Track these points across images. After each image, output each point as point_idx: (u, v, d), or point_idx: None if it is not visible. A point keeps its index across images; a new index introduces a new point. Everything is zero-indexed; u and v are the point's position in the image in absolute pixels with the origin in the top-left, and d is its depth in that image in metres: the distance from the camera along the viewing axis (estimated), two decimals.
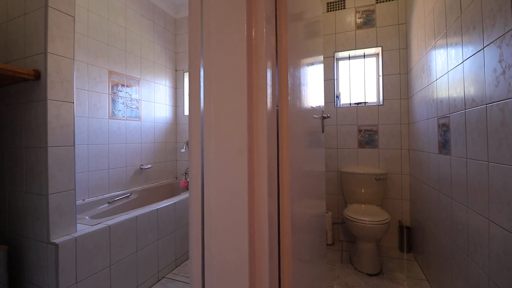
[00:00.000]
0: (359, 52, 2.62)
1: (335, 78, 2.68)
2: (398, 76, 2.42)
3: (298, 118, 0.89)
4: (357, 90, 2.70)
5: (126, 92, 2.50)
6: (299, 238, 0.87)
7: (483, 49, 1.06)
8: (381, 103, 2.48)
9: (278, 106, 0.74)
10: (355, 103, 2.61)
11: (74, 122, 1.37)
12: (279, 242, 0.72)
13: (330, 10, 2.65)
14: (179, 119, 3.20)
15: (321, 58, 1.61)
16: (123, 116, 2.46)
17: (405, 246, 2.26)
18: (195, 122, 0.63)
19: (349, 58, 2.72)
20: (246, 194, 0.61)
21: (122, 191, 2.39)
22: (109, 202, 2.19)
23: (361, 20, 2.55)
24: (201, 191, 0.64)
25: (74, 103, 1.37)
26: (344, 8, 2.61)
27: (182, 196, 2.24)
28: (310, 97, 1.14)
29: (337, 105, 2.65)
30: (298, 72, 0.93)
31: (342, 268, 2.01)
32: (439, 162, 1.57)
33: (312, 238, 1.12)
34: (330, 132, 2.61)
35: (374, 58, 2.65)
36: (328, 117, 1.46)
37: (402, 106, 2.39)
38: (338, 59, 2.75)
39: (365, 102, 2.61)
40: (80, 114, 2.05)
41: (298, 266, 0.84)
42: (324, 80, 2.56)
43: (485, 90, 1.05)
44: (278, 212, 0.73)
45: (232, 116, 0.61)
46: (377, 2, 2.49)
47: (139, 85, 2.66)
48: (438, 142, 1.59)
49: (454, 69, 1.36)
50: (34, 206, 1.31)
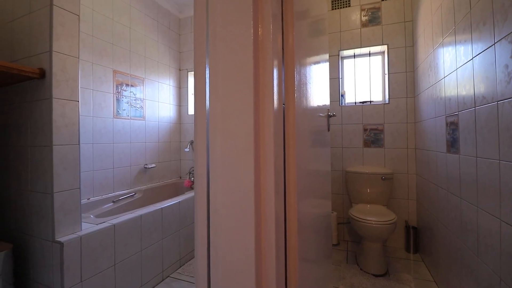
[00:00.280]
0: (365, 50, 2.59)
1: (340, 76, 2.66)
2: (404, 74, 2.39)
3: (304, 117, 0.88)
4: (362, 88, 2.67)
5: (131, 91, 2.50)
6: (305, 238, 0.86)
7: (494, 45, 1.03)
8: (387, 102, 2.45)
9: (284, 104, 0.72)
10: (360, 102, 2.59)
11: (79, 121, 1.38)
12: (285, 242, 0.71)
13: (335, 8, 2.63)
14: (183, 119, 3.20)
15: (326, 56, 1.59)
16: (128, 115, 2.46)
17: (411, 246, 2.23)
18: (201, 120, 0.62)
19: (354, 56, 2.69)
20: (252, 192, 0.60)
21: (126, 190, 2.40)
22: (113, 201, 2.20)
23: (366, 18, 2.52)
24: (206, 190, 0.63)
25: (79, 102, 1.37)
26: (349, 6, 2.58)
27: (186, 195, 2.24)
28: (316, 95, 1.13)
29: (342, 104, 2.62)
30: (304, 70, 0.92)
31: (347, 268, 1.98)
32: (447, 161, 1.54)
33: (318, 238, 1.11)
34: (335, 131, 2.59)
35: (380, 56, 2.62)
36: (333, 115, 1.44)
37: (409, 105, 2.36)
38: (343, 58, 2.72)
39: (370, 101, 2.58)
40: (85, 114, 2.06)
41: (304, 266, 0.82)
42: (329, 78, 2.53)
43: (496, 87, 1.03)
44: (285, 211, 0.71)
45: (238, 114, 0.60)
46: (382, 0, 2.46)
47: (144, 84, 2.67)
48: (446, 140, 1.57)
49: (463, 66, 1.33)
50: (39, 204, 1.31)
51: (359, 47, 2.55)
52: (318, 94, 1.17)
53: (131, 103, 2.51)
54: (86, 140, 2.06)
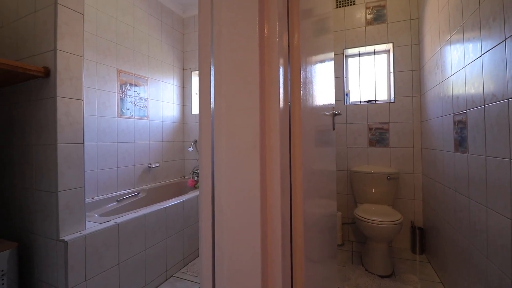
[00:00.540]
0: (369, 48, 2.56)
1: (345, 75, 2.64)
2: (410, 72, 2.35)
3: (310, 116, 0.87)
4: (367, 87, 2.65)
5: (135, 91, 2.51)
6: (311, 238, 0.85)
7: (505, 40, 1.01)
8: (392, 101, 2.42)
9: (290, 103, 0.71)
10: (365, 101, 2.56)
11: (83, 120, 1.37)
12: (291, 242, 0.70)
13: (339, 6, 2.61)
14: (187, 118, 3.20)
15: (331, 55, 1.58)
16: (132, 114, 2.47)
17: (417, 247, 2.20)
18: (205, 119, 0.62)
19: (359, 55, 2.66)
20: (258, 192, 0.59)
21: (130, 190, 2.40)
22: (117, 201, 2.20)
23: (371, 16, 2.49)
24: (211, 189, 0.62)
25: (83, 101, 1.37)
26: (353, 4, 2.56)
27: (190, 194, 2.23)
28: (322, 94, 1.12)
29: (346, 103, 2.60)
30: (310, 69, 0.90)
31: (352, 269, 1.96)
32: (455, 161, 1.52)
33: (323, 238, 1.09)
34: (340, 130, 2.57)
35: (385, 55, 2.59)
36: (339, 114, 1.42)
37: (415, 104, 2.33)
38: (348, 56, 2.70)
39: (375, 100, 2.55)
40: (89, 113, 2.06)
41: (310, 266, 0.81)
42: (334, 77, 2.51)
43: (506, 84, 1.00)
44: (290, 210, 0.70)
45: (244, 112, 0.59)
46: None
47: (147, 84, 2.67)
48: (454, 139, 1.54)
49: (471, 63, 1.31)
50: (44, 203, 1.31)
51: (364, 46, 2.52)
52: (323, 93, 1.16)
53: (135, 103, 2.51)
54: (90, 139, 2.07)
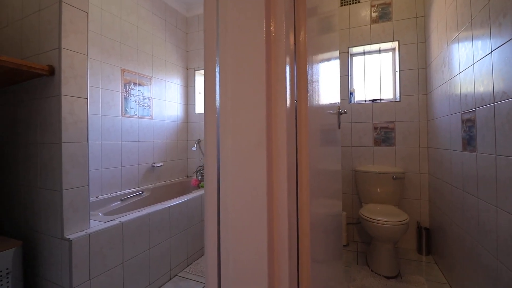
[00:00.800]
0: (375, 47, 2.53)
1: (349, 74, 2.61)
2: (416, 71, 2.32)
3: (316, 114, 0.86)
4: (372, 86, 2.62)
5: (139, 90, 2.51)
6: (318, 238, 0.83)
7: None
8: (397, 100, 2.40)
9: (296, 101, 0.70)
10: (370, 100, 2.53)
11: (88, 118, 1.37)
12: (297, 242, 0.69)
13: (344, 4, 2.58)
14: (190, 118, 3.20)
15: (337, 53, 1.56)
16: (135, 114, 2.47)
17: (423, 248, 2.17)
18: (211, 116, 0.61)
19: (363, 53, 2.64)
20: (265, 190, 0.58)
21: (134, 189, 2.40)
22: (121, 200, 2.20)
23: (376, 14, 2.47)
24: (216, 188, 0.61)
25: (87, 99, 1.37)
26: (358, 2, 2.53)
27: (194, 194, 2.23)
28: (328, 93, 1.10)
29: (351, 102, 2.57)
30: (316, 67, 0.89)
31: (358, 270, 1.94)
32: (463, 160, 1.49)
33: (329, 238, 1.08)
34: (345, 129, 2.54)
35: (390, 53, 2.57)
36: (344, 112, 1.40)
37: (421, 102, 2.30)
38: (352, 55, 2.67)
39: (380, 99, 2.52)
40: (93, 112, 2.07)
41: (316, 267, 0.80)
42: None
43: None
44: (297, 210, 0.69)
45: (250, 109, 0.58)
46: None
47: (151, 83, 2.67)
48: (462, 138, 1.51)
49: (480, 60, 1.28)
50: (48, 202, 1.31)
51: (369, 44, 2.49)
52: (329, 91, 1.14)
53: (139, 102, 2.51)
54: (94, 138, 2.07)
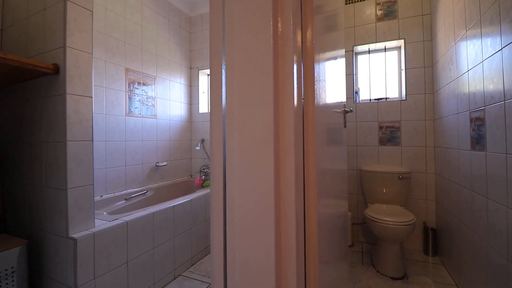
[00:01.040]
0: (380, 45, 2.51)
1: (354, 73, 2.59)
2: (422, 69, 2.29)
3: (323, 113, 0.84)
4: (377, 85, 2.59)
5: (143, 89, 2.51)
6: (325, 238, 0.82)
7: None
8: (403, 98, 2.37)
9: (303, 99, 0.69)
10: (375, 99, 2.51)
11: (92, 117, 1.37)
12: (305, 242, 0.68)
13: (349, 2, 2.56)
14: (194, 117, 3.20)
15: (342, 52, 1.54)
16: (139, 113, 2.47)
17: (430, 249, 2.14)
18: (217, 113, 0.60)
19: (368, 52, 2.61)
20: (272, 188, 0.57)
21: (138, 188, 2.40)
22: (126, 199, 2.20)
23: (381, 12, 2.44)
24: (222, 187, 0.60)
25: (92, 98, 1.37)
26: (363, 0, 2.51)
27: (198, 193, 2.22)
28: (334, 91, 1.09)
29: (356, 101, 2.55)
30: (323, 66, 0.88)
31: (363, 270, 1.92)
32: (472, 159, 1.46)
33: (336, 238, 1.06)
34: (349, 129, 2.52)
35: (396, 52, 2.54)
36: (350, 110, 1.38)
37: (427, 101, 2.27)
38: (357, 53, 2.65)
39: (386, 98, 2.49)
40: (98, 111, 2.07)
41: (323, 268, 0.78)
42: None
43: None
44: (304, 209, 0.68)
45: (257, 106, 0.57)
46: None
47: (155, 82, 2.67)
48: (470, 137, 1.48)
49: (490, 58, 1.25)
50: (53, 200, 1.32)
51: (374, 42, 2.46)
52: (335, 90, 1.13)
53: (143, 101, 2.51)
54: (99, 137, 2.07)
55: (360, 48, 2.58)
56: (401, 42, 2.42)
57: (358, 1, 2.53)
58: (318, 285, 0.68)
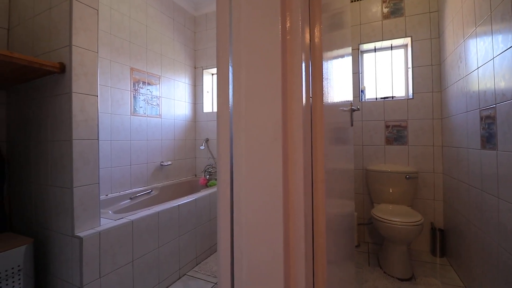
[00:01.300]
0: (386, 43, 2.47)
1: (360, 71, 2.56)
2: (430, 67, 2.26)
3: (330, 112, 0.83)
4: (383, 84, 2.56)
5: (147, 89, 2.51)
6: (332, 239, 0.80)
7: None
8: (410, 97, 2.33)
9: (312, 97, 0.68)
10: (382, 98, 2.47)
11: (98, 116, 1.37)
12: (313, 242, 0.66)
13: (355, 0, 2.53)
14: (198, 116, 3.19)
15: (349, 50, 1.52)
16: (144, 113, 2.47)
17: (438, 249, 2.11)
18: (224, 110, 0.59)
19: (374, 50, 2.58)
20: (280, 187, 0.55)
21: (143, 187, 2.41)
22: (131, 198, 2.20)
23: (388, 9, 2.41)
24: (230, 185, 0.59)
25: (98, 97, 1.37)
26: None
27: (202, 193, 2.21)
28: (341, 90, 1.08)
29: (362, 99, 2.52)
30: (331, 63, 0.87)
31: (370, 271, 1.89)
32: (482, 158, 1.43)
33: (343, 239, 1.05)
34: (355, 128, 2.49)
35: (402, 50, 2.50)
36: (357, 109, 1.36)
37: (435, 100, 2.23)
38: (363, 52, 2.62)
39: (392, 96, 2.46)
40: (103, 110, 2.08)
41: (331, 268, 0.77)
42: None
43: None
44: (312, 208, 0.66)
45: (265, 104, 0.56)
46: None
47: (160, 82, 2.67)
48: (480, 136, 1.45)
49: (501, 54, 1.22)
50: (59, 199, 1.32)
51: (381, 40, 2.43)
52: (343, 88, 1.12)
53: (148, 101, 2.52)
54: (104, 137, 2.08)
55: (366, 46, 2.55)
56: (408, 40, 2.39)
57: None
58: (326, 286, 0.67)
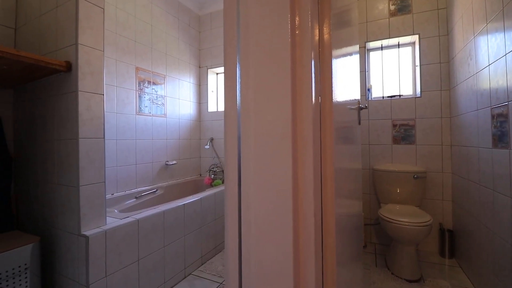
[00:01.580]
0: (393, 41, 2.44)
1: (366, 70, 2.53)
2: (438, 65, 2.22)
3: (339, 109, 0.82)
4: (390, 82, 2.52)
5: (152, 88, 2.51)
6: (342, 239, 0.79)
7: None
8: (418, 95, 2.29)
9: (320, 96, 0.67)
10: (389, 96, 2.44)
11: (104, 115, 1.37)
12: (322, 242, 0.65)
13: None
14: (203, 116, 3.19)
15: (357, 48, 1.50)
16: (150, 112, 2.47)
17: (446, 251, 2.07)
18: (231, 108, 0.58)
19: (381, 48, 2.54)
20: (290, 185, 0.54)
21: (148, 187, 2.41)
22: (136, 197, 2.21)
23: (395, 6, 2.37)
24: (237, 184, 0.58)
25: (104, 95, 1.37)
26: None
27: (207, 192, 2.21)
28: (350, 88, 1.06)
29: (368, 98, 2.49)
30: (339, 61, 0.86)
31: (377, 272, 1.86)
32: (493, 157, 1.40)
33: (351, 239, 1.03)
34: (362, 127, 2.46)
35: (410, 48, 2.46)
36: (365, 107, 1.34)
37: (443, 98, 2.19)
38: (369, 50, 2.59)
39: (400, 95, 2.43)
40: (108, 110, 2.08)
41: (340, 269, 0.75)
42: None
43: None
44: (321, 208, 0.65)
45: (274, 99, 0.55)
46: None
47: (165, 81, 2.67)
48: (492, 135, 1.42)
49: None
50: (65, 198, 1.32)
51: (387, 38, 2.40)
52: (351, 86, 1.10)
53: (153, 100, 2.52)
54: (110, 136, 2.08)
55: (372, 44, 2.51)
56: (415, 38, 2.35)
57: None
58: (335, 286, 0.65)
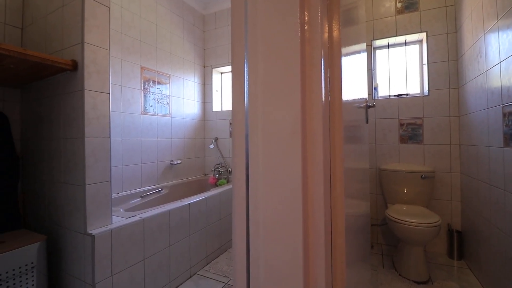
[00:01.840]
0: (400, 39, 2.40)
1: (373, 68, 2.50)
2: (446, 63, 2.18)
3: (347, 107, 0.80)
4: (397, 81, 2.49)
5: (157, 87, 2.52)
6: (350, 239, 0.77)
7: None
8: (426, 94, 2.26)
9: (330, 94, 0.66)
10: (395, 95, 2.41)
11: (110, 113, 1.37)
12: (331, 242, 0.63)
13: None
14: (207, 116, 3.19)
15: (364, 45, 1.48)
16: (154, 111, 2.48)
17: (455, 252, 2.03)
18: (239, 105, 0.57)
19: (388, 46, 2.51)
20: (299, 184, 0.53)
21: (153, 186, 2.41)
22: (141, 197, 2.21)
23: (402, 4, 2.34)
24: (245, 183, 0.57)
25: (109, 94, 1.37)
26: None
27: (212, 191, 2.20)
28: (358, 87, 1.05)
29: (375, 97, 2.46)
30: (348, 59, 0.84)
31: (384, 273, 1.84)
32: (505, 157, 1.36)
33: (359, 239, 1.01)
34: (368, 126, 2.43)
35: (417, 46, 2.43)
36: (373, 105, 1.32)
37: (452, 97, 2.15)
38: (376, 48, 2.55)
39: (407, 94, 2.39)
40: (114, 109, 2.09)
41: (348, 270, 0.74)
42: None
43: None
44: (330, 207, 0.63)
45: (283, 95, 0.55)
46: None
47: (170, 81, 2.67)
48: (503, 133, 1.38)
49: None
50: (71, 196, 1.32)
51: (394, 36, 2.37)
52: (358, 85, 1.08)
53: (158, 100, 2.52)
54: (115, 135, 2.09)
55: (378, 42, 2.48)
56: (423, 35, 2.31)
57: None
58: (345, 287, 0.64)
